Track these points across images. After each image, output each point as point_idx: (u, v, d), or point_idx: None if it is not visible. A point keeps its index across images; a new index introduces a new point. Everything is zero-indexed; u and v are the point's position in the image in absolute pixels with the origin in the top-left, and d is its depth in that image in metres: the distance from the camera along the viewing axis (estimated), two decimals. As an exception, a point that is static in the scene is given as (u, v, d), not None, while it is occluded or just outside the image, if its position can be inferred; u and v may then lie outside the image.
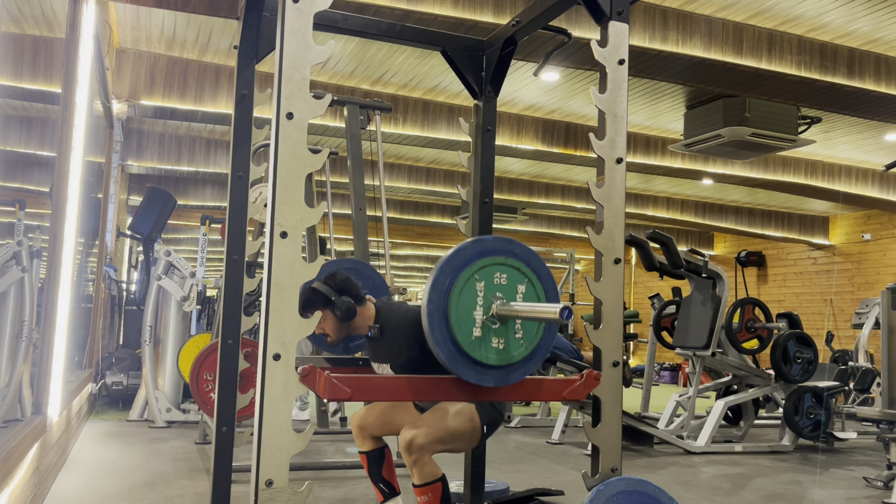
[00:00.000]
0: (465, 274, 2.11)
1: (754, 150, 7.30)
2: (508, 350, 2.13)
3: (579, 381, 2.20)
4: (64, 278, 3.84)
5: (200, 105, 7.05)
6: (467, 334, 2.09)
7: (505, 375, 2.13)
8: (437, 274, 2.09)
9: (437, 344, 2.06)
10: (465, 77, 3.02)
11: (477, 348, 2.10)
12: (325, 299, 2.79)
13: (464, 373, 2.09)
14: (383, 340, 2.83)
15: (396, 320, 2.81)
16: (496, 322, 2.12)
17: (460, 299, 2.09)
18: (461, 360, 2.09)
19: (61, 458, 4.51)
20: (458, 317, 2.08)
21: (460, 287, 2.09)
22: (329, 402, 3.08)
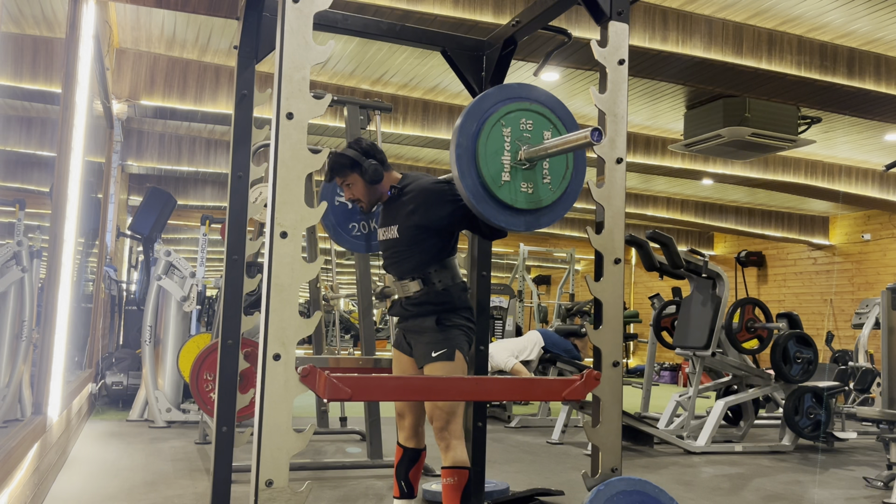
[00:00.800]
0: (492, 119, 2.17)
1: (754, 150, 7.30)
2: (538, 193, 2.21)
3: (579, 381, 2.20)
4: (64, 278, 3.84)
5: (200, 105, 7.05)
6: (496, 178, 2.15)
7: (535, 220, 2.22)
8: (463, 119, 2.14)
9: (468, 188, 2.12)
10: (465, 77, 3.02)
11: (507, 192, 2.17)
12: (351, 162, 2.79)
13: (494, 216, 2.16)
14: (400, 202, 2.82)
15: (418, 184, 2.81)
16: (525, 164, 2.19)
17: (488, 143, 2.15)
18: (491, 204, 2.15)
19: (61, 458, 4.51)
20: (486, 160, 2.15)
21: (487, 132, 2.16)
22: (329, 402, 3.08)
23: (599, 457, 2.17)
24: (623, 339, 2.27)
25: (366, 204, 2.87)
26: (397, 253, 2.85)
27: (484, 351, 3.10)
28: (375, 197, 2.86)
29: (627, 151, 2.22)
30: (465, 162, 2.11)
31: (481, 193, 2.12)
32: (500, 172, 2.15)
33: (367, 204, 2.87)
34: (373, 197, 2.86)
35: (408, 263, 2.82)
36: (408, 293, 2.82)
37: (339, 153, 2.83)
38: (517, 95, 2.23)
